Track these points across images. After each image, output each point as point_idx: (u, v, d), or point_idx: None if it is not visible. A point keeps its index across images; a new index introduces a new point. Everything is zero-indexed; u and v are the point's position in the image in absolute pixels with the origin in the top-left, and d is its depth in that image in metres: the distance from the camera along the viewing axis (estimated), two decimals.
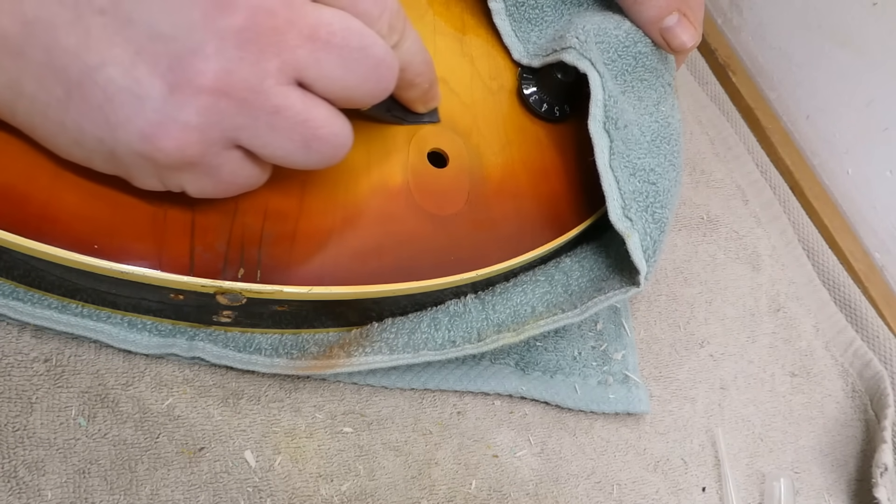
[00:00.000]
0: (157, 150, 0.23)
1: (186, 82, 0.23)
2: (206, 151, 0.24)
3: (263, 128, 0.24)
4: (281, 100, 0.24)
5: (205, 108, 0.23)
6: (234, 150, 0.25)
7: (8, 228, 0.25)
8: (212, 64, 0.23)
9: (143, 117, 0.23)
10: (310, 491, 0.31)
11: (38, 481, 0.28)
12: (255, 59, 0.23)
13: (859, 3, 0.52)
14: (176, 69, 0.23)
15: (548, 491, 0.35)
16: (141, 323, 0.31)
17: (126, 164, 0.25)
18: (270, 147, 0.25)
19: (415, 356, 0.32)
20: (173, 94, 0.23)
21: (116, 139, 0.23)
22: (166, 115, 0.23)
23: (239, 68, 0.23)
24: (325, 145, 0.26)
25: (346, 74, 0.25)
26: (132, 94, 0.23)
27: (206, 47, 0.23)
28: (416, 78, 0.30)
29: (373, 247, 0.31)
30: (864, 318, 0.50)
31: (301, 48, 0.24)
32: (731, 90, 0.60)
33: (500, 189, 0.35)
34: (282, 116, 0.24)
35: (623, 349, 0.40)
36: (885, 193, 0.53)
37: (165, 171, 0.25)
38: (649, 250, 0.33)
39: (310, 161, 0.26)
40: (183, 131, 0.23)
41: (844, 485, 0.43)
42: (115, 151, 0.24)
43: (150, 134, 0.23)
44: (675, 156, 0.37)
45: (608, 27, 0.36)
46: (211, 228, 0.28)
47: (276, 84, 0.24)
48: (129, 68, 0.22)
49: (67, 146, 0.25)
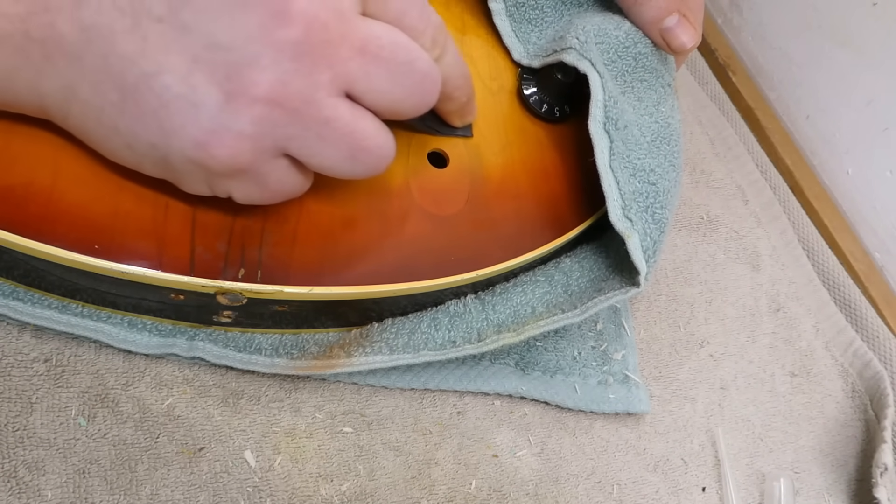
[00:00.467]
0: (210, 157, 0.24)
1: (242, 92, 0.23)
2: (256, 159, 0.25)
3: (313, 138, 0.25)
4: (331, 111, 0.24)
5: (259, 118, 0.24)
6: (282, 159, 0.26)
7: (8, 228, 0.25)
8: (267, 75, 0.23)
9: (197, 125, 0.23)
10: (310, 491, 0.31)
11: (38, 481, 0.28)
12: (308, 71, 0.24)
13: (859, 3, 0.52)
14: (233, 79, 0.23)
15: (548, 491, 0.35)
16: (141, 323, 0.31)
17: (177, 170, 0.25)
18: (318, 157, 0.25)
19: (415, 356, 0.32)
20: (229, 102, 0.23)
21: (170, 145, 0.24)
22: (221, 124, 0.23)
23: (293, 80, 0.23)
24: (371, 156, 0.26)
25: (394, 87, 0.26)
26: (188, 101, 0.23)
27: (263, 58, 0.23)
28: (455, 91, 0.31)
29: (373, 247, 0.31)
30: (864, 318, 0.50)
31: (352, 61, 0.24)
32: (731, 90, 0.60)
33: (500, 189, 0.35)
34: (331, 127, 0.25)
35: (623, 349, 0.40)
36: (885, 193, 0.53)
37: (216, 177, 0.25)
38: (649, 251, 0.33)
39: (355, 171, 0.26)
40: (236, 140, 0.24)
41: (844, 485, 0.43)
42: (168, 157, 0.24)
43: (205, 142, 0.24)
44: (675, 156, 0.37)
45: (608, 28, 0.36)
46: (211, 229, 0.28)
47: (327, 96, 0.24)
48: (185, 76, 0.23)
49: (119, 150, 0.25)
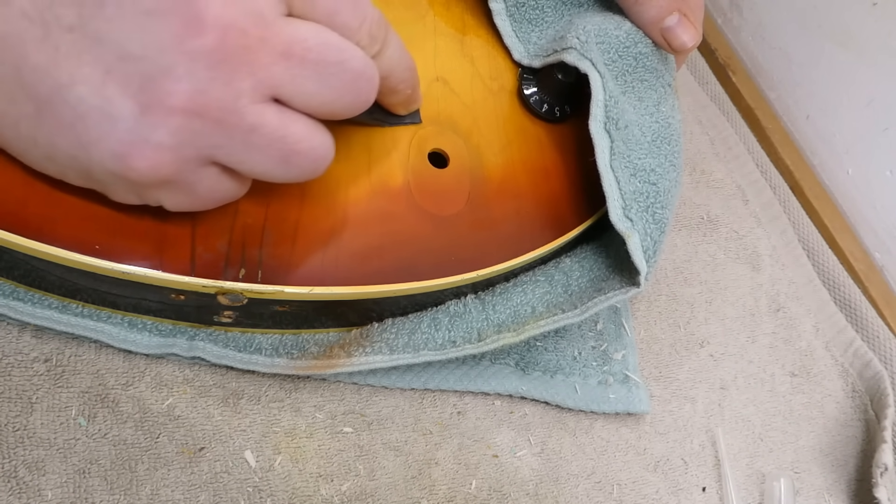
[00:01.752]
0: (130, 169, 0.23)
1: (158, 103, 0.22)
2: (180, 170, 0.24)
3: (239, 146, 0.24)
4: (256, 118, 0.24)
5: (178, 129, 0.23)
6: (210, 167, 0.25)
7: (9, 229, 0.25)
8: (183, 84, 0.22)
9: (115, 137, 0.23)
10: (310, 491, 0.31)
11: (38, 481, 0.28)
12: (227, 79, 0.23)
13: (859, 3, 0.52)
14: (147, 89, 0.22)
15: (548, 491, 0.35)
16: (141, 323, 0.31)
17: (101, 181, 0.25)
18: (248, 164, 0.25)
19: (415, 356, 0.32)
20: (145, 114, 0.22)
21: (90, 157, 0.23)
22: (138, 136, 0.23)
23: (211, 88, 0.23)
24: (305, 159, 0.25)
25: (324, 89, 0.25)
26: (103, 113, 0.22)
27: (177, 68, 0.22)
28: (399, 84, 0.30)
29: (373, 247, 0.31)
30: (864, 318, 0.50)
31: (276, 65, 0.23)
32: (731, 90, 0.60)
33: (500, 189, 0.35)
34: (258, 134, 0.24)
35: (623, 349, 0.40)
36: (885, 193, 0.53)
37: (141, 188, 0.25)
38: (649, 251, 0.33)
39: (290, 175, 0.26)
40: (156, 151, 0.23)
41: (844, 485, 0.43)
42: (90, 169, 0.24)
43: (123, 154, 0.23)
44: (675, 156, 0.37)
45: (609, 28, 0.36)
46: (212, 229, 0.28)
47: (250, 103, 0.23)
48: (99, 87, 0.22)
49: (40, 161, 0.25)
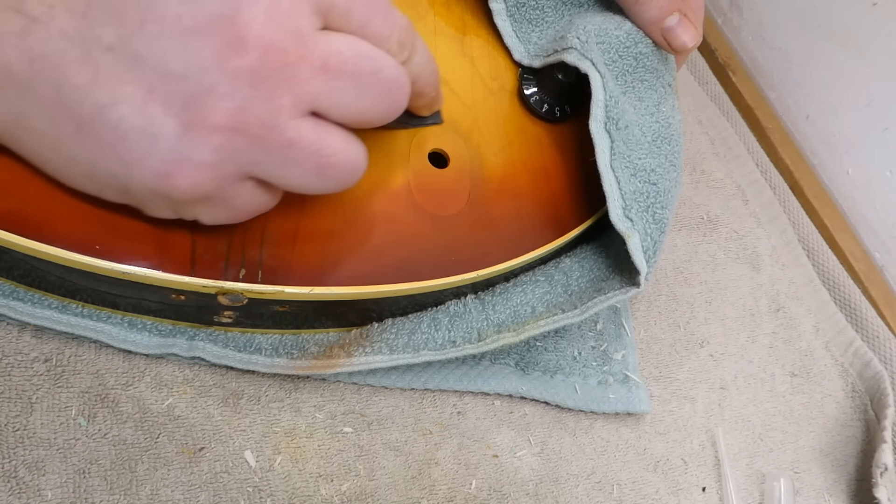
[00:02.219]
0: (172, 187, 0.24)
1: (200, 121, 0.23)
2: (220, 186, 0.24)
3: (278, 161, 0.24)
4: (294, 133, 0.24)
5: (219, 147, 0.23)
6: (247, 182, 0.25)
7: (9, 229, 0.25)
8: (225, 103, 0.23)
9: (157, 156, 0.23)
10: (310, 491, 0.31)
11: (38, 481, 0.28)
12: (268, 97, 0.23)
13: (859, 3, 0.52)
14: (189, 108, 0.22)
15: (548, 491, 0.35)
16: (141, 323, 0.31)
17: (140, 199, 0.25)
18: (286, 178, 0.25)
19: (415, 356, 0.32)
20: (187, 133, 0.23)
21: (130, 176, 0.23)
22: (181, 154, 0.23)
23: (252, 106, 0.23)
24: (340, 171, 0.26)
25: (360, 100, 0.25)
26: (145, 132, 0.22)
27: (219, 87, 0.22)
28: (426, 88, 0.31)
29: (374, 247, 0.31)
30: (864, 318, 0.50)
31: (314, 80, 0.24)
32: (731, 90, 0.60)
33: (500, 189, 0.35)
34: (296, 149, 0.24)
35: (623, 349, 0.40)
36: (885, 193, 0.53)
37: (180, 204, 0.25)
38: (650, 251, 0.33)
39: (326, 187, 0.26)
40: (198, 169, 0.23)
41: (844, 485, 0.43)
42: (129, 187, 0.24)
43: (166, 172, 0.23)
44: (675, 156, 0.37)
45: (609, 28, 0.36)
46: (212, 229, 0.28)
47: (289, 118, 0.24)
48: (141, 107, 0.22)
49: (79, 179, 0.25)
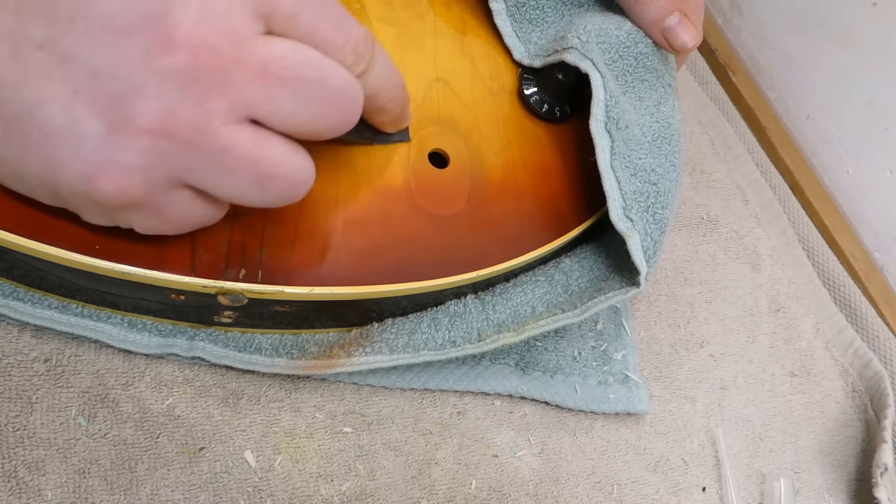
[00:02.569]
0: (97, 191, 0.23)
1: (126, 123, 0.22)
2: (150, 192, 0.23)
3: (211, 168, 0.23)
4: (228, 140, 0.23)
5: (146, 150, 0.22)
6: (182, 190, 0.24)
7: (9, 229, 0.25)
8: (152, 105, 0.22)
9: (82, 158, 0.22)
10: (310, 491, 0.31)
11: (38, 481, 0.28)
12: (199, 100, 0.22)
13: (859, 3, 0.52)
14: (116, 109, 0.22)
15: (548, 491, 0.35)
16: (141, 323, 0.31)
17: (71, 202, 0.24)
18: (221, 187, 0.24)
19: (415, 356, 0.32)
20: (112, 134, 0.22)
21: (57, 178, 0.23)
22: (106, 157, 0.22)
23: (182, 109, 0.22)
24: (281, 183, 0.25)
25: (303, 109, 0.24)
26: (71, 132, 0.22)
27: (147, 87, 0.22)
28: (388, 104, 0.29)
29: (374, 247, 0.31)
30: (864, 318, 0.50)
31: (251, 85, 0.23)
32: (731, 90, 0.60)
33: (500, 189, 0.35)
34: (230, 156, 0.23)
35: (623, 349, 0.40)
36: (885, 193, 0.53)
37: (110, 210, 0.24)
38: (650, 251, 0.33)
39: (266, 199, 0.25)
40: (124, 173, 0.22)
41: (844, 485, 0.43)
42: (57, 189, 0.23)
43: (90, 175, 0.22)
44: (675, 156, 0.37)
45: (609, 28, 0.36)
46: (212, 229, 0.28)
47: (223, 124, 0.23)
48: (67, 106, 0.21)
49: (9, 180, 0.24)
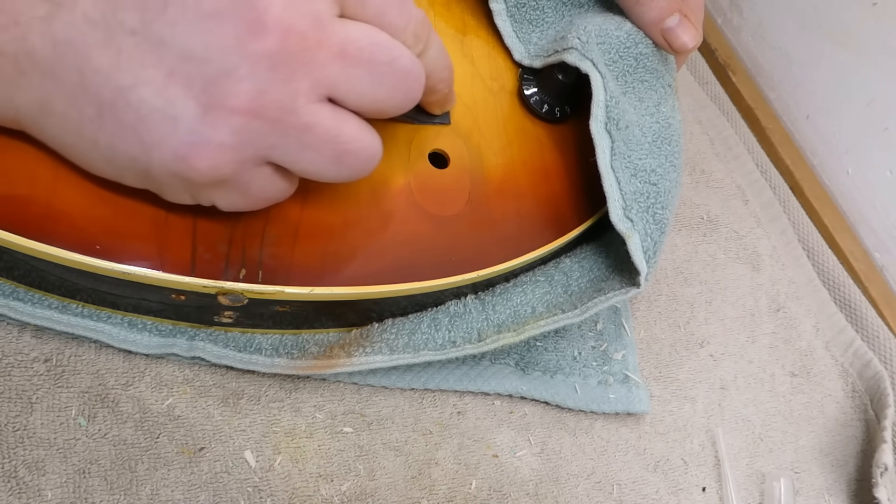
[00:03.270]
0: (191, 169, 0.24)
1: (220, 103, 0.23)
2: (238, 169, 0.25)
3: (295, 145, 0.25)
4: (311, 117, 0.24)
5: (238, 129, 0.24)
6: (265, 167, 0.26)
7: (10, 229, 0.25)
8: (245, 85, 0.23)
9: (176, 138, 0.23)
10: (310, 491, 0.31)
11: (38, 481, 0.28)
12: (286, 80, 0.23)
13: (859, 3, 0.52)
14: (209, 91, 0.23)
15: (548, 491, 0.35)
16: (141, 323, 0.31)
17: (159, 182, 0.25)
18: (302, 163, 0.26)
19: (415, 356, 0.32)
20: (207, 114, 0.23)
21: (150, 158, 0.24)
22: (200, 136, 0.23)
23: (271, 89, 0.23)
24: (356, 159, 0.26)
25: (376, 88, 0.25)
26: (165, 114, 0.23)
27: (239, 70, 0.23)
28: (439, 84, 0.31)
29: (374, 247, 0.31)
30: (864, 318, 0.50)
31: (331, 66, 0.24)
32: (731, 90, 0.60)
33: (500, 190, 0.35)
34: (313, 134, 0.25)
35: (623, 349, 0.40)
36: (885, 193, 0.53)
37: (198, 188, 0.25)
38: (650, 251, 0.33)
39: (341, 174, 0.26)
40: (217, 151, 0.24)
41: (844, 485, 0.43)
42: (149, 170, 0.24)
43: (185, 154, 0.23)
44: (675, 156, 0.37)
45: (609, 28, 0.36)
46: (212, 229, 0.28)
47: (307, 103, 0.24)
48: (161, 89, 0.23)
49: (99, 163, 0.25)
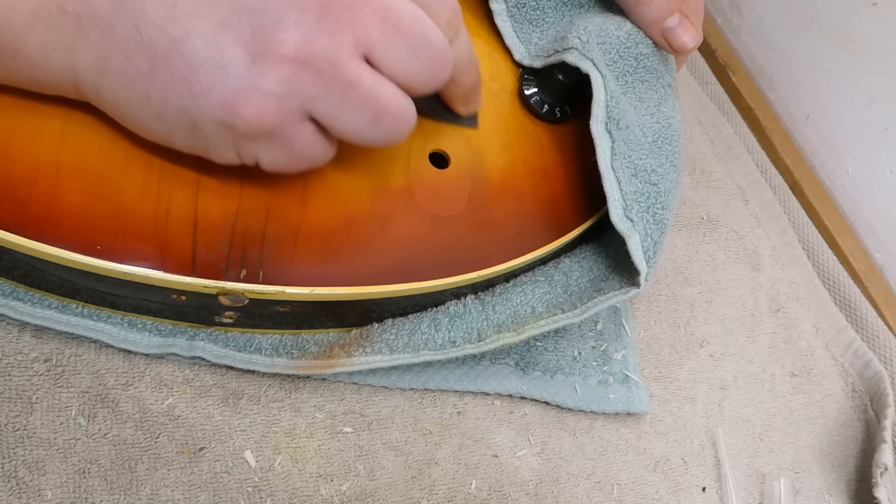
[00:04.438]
0: (238, 117, 0.24)
1: (268, 51, 0.24)
2: (283, 120, 0.25)
3: (337, 100, 0.25)
4: (354, 74, 0.25)
5: (285, 77, 0.24)
6: (307, 123, 0.26)
7: (10, 229, 0.25)
8: (292, 34, 0.24)
9: (225, 85, 0.24)
10: (310, 491, 0.31)
11: (38, 481, 0.28)
12: (332, 32, 0.24)
13: (859, 3, 0.52)
14: (258, 38, 0.24)
15: (548, 491, 0.35)
16: (141, 323, 0.31)
17: (206, 135, 0.26)
18: (342, 119, 0.26)
19: (415, 356, 0.32)
20: (255, 62, 0.24)
21: (199, 108, 0.24)
22: (248, 83, 0.24)
23: (318, 39, 0.24)
24: (393, 121, 0.27)
25: (410, 60, 0.26)
26: (215, 63, 0.24)
27: (288, 18, 0.24)
28: (462, 76, 0.31)
29: (374, 247, 0.31)
30: (864, 318, 0.50)
31: (373, 28, 0.25)
32: (731, 90, 0.60)
33: (501, 190, 0.35)
34: (354, 90, 0.25)
35: (623, 349, 0.40)
36: (885, 193, 0.53)
37: (243, 140, 0.26)
38: (650, 251, 0.33)
39: (377, 136, 0.27)
40: (264, 99, 0.24)
41: (844, 485, 0.43)
42: (198, 122, 0.25)
43: (233, 101, 0.24)
44: (675, 157, 0.37)
45: (610, 28, 0.36)
46: (213, 229, 0.28)
47: (350, 58, 0.25)
48: (213, 39, 0.24)
49: (150, 120, 0.26)
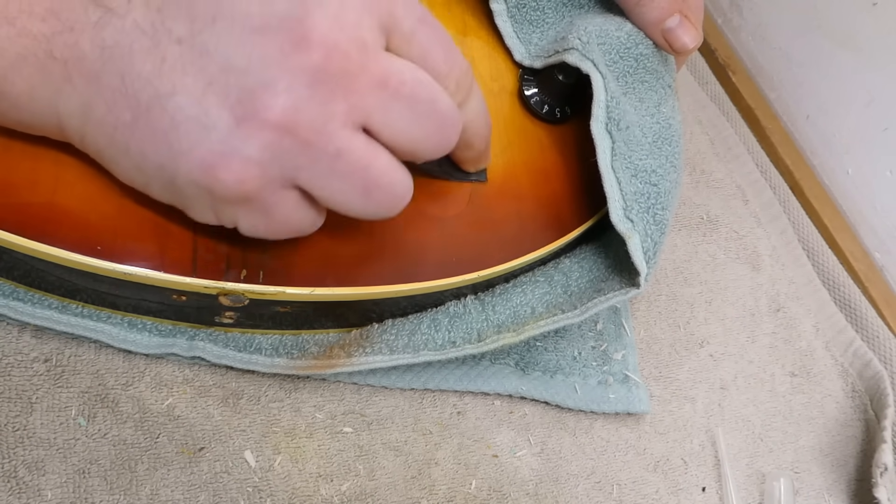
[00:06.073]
0: (216, 180, 0.23)
1: (253, 115, 0.23)
2: (263, 187, 0.24)
3: (324, 170, 0.24)
4: (344, 143, 0.24)
5: (268, 144, 0.23)
6: (291, 191, 0.25)
7: (11, 229, 0.25)
8: (281, 100, 0.23)
9: (206, 147, 0.23)
10: (310, 491, 0.31)
11: (38, 481, 0.28)
12: (324, 100, 0.23)
13: (859, 3, 0.52)
14: (245, 102, 0.23)
15: (548, 491, 0.35)
16: (141, 323, 0.31)
17: (184, 194, 0.25)
18: (328, 190, 0.25)
19: (415, 356, 0.32)
20: (239, 126, 0.23)
21: (177, 167, 0.23)
22: (229, 147, 0.23)
23: (307, 107, 0.23)
24: (385, 194, 0.25)
25: (412, 126, 0.25)
26: (199, 123, 0.23)
27: (278, 83, 0.23)
28: (475, 139, 0.30)
29: (374, 248, 0.31)
30: (864, 318, 0.50)
31: (371, 94, 0.24)
32: (731, 90, 0.60)
33: (501, 190, 0.35)
34: (343, 160, 0.24)
35: (623, 349, 0.40)
36: (885, 193, 0.53)
37: (221, 203, 0.25)
38: (650, 252, 0.33)
39: (368, 209, 0.26)
40: (244, 164, 0.23)
41: (844, 485, 0.43)
42: (175, 180, 0.24)
43: (212, 164, 0.23)
44: (675, 157, 0.37)
45: (610, 29, 0.36)
46: (214, 229, 0.28)
47: (341, 127, 0.24)
48: (199, 98, 0.23)
49: (128, 171, 0.25)
